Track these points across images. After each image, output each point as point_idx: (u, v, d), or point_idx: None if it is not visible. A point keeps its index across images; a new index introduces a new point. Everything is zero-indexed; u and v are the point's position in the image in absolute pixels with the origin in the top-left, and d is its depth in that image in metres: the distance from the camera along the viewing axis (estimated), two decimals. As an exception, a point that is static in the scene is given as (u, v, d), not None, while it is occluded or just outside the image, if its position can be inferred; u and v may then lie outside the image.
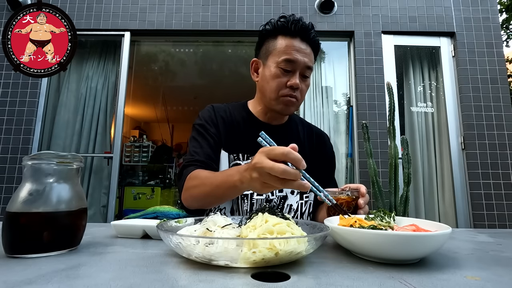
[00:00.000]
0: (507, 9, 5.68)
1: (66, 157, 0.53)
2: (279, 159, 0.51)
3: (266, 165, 0.51)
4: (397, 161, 1.64)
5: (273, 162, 0.51)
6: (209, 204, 0.79)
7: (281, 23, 0.86)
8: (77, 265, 0.43)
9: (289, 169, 0.50)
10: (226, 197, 0.74)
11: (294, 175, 0.50)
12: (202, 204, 0.79)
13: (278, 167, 0.50)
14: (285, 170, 0.50)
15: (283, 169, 0.50)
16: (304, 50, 0.86)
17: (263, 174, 0.52)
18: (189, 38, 2.97)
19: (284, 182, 0.51)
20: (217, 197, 0.72)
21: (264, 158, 0.52)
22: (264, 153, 0.53)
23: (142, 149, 5.05)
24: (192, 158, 0.85)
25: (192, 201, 0.79)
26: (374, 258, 0.47)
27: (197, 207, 0.80)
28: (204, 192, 0.74)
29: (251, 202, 0.86)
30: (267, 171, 0.51)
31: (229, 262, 0.42)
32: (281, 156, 0.51)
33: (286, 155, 0.50)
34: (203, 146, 0.88)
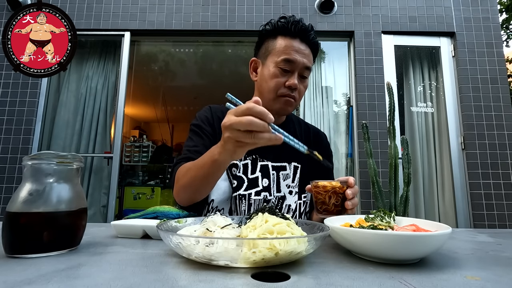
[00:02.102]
0: (507, 9, 5.68)
1: (66, 157, 0.53)
2: (244, 114, 0.51)
3: (234, 121, 0.52)
4: (397, 161, 1.64)
5: (239, 116, 0.52)
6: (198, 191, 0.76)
7: (281, 24, 0.87)
8: (77, 265, 0.43)
9: (255, 119, 0.51)
10: (211, 176, 0.71)
11: (262, 125, 0.51)
12: (192, 192, 0.76)
13: (245, 119, 0.51)
14: (251, 120, 0.50)
15: (248, 119, 0.51)
16: (303, 51, 0.86)
17: (232, 131, 0.53)
18: (189, 38, 2.97)
19: (255, 135, 0.52)
20: (203, 178, 0.71)
21: (231, 116, 0.54)
22: (231, 112, 0.54)
23: (142, 149, 5.05)
24: (184, 155, 0.86)
25: (183, 193, 0.77)
26: (374, 258, 0.47)
27: (188, 199, 0.78)
28: (190, 178, 0.73)
29: (249, 202, 0.86)
30: (234, 127, 0.52)
31: (229, 262, 0.42)
32: (246, 110, 0.51)
33: (250, 109, 0.51)
34: (197, 145, 0.88)
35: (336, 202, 0.69)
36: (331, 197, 0.69)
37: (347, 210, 0.69)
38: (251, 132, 0.52)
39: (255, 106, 0.51)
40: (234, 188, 0.87)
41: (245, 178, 0.88)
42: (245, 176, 0.88)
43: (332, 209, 0.69)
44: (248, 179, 0.88)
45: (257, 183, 0.88)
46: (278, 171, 0.91)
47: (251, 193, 0.87)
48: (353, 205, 0.69)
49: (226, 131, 0.55)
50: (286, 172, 0.92)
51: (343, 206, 0.69)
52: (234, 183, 0.87)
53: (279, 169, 0.91)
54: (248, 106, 0.52)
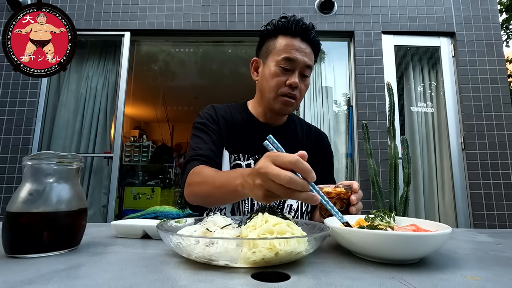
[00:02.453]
0: (507, 9, 5.68)
1: (66, 157, 0.53)
2: (286, 167, 0.46)
3: (271, 172, 0.46)
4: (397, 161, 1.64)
5: (279, 169, 0.46)
6: (210, 204, 0.78)
7: (282, 23, 0.87)
8: (77, 265, 0.43)
9: (297, 178, 0.45)
10: (227, 200, 0.72)
11: (301, 185, 0.45)
12: (203, 202, 0.78)
13: (285, 175, 0.45)
14: (292, 179, 0.45)
15: (290, 177, 0.44)
16: (304, 50, 0.86)
17: (266, 181, 0.47)
18: (189, 38, 2.97)
19: (290, 192, 0.46)
20: (218, 198, 0.71)
21: (269, 163, 0.47)
22: (270, 158, 0.48)
23: (142, 149, 5.05)
24: (195, 152, 0.84)
25: (194, 198, 0.78)
26: (374, 258, 0.47)
27: (199, 204, 0.79)
28: (205, 192, 0.72)
29: (252, 202, 0.86)
30: (271, 178, 0.46)
31: (229, 262, 0.42)
32: (288, 164, 0.46)
33: (294, 163, 0.45)
34: (206, 142, 0.87)
35: (341, 208, 0.69)
36: (335, 203, 0.69)
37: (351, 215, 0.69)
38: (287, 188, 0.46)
39: (299, 161, 0.45)
40: None
41: None
42: None
43: None
44: None
45: None
46: None
47: None
48: (357, 211, 0.69)
49: (259, 177, 0.49)
50: None
51: (347, 212, 0.69)
52: None
53: None
54: (292, 159, 0.45)
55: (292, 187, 0.45)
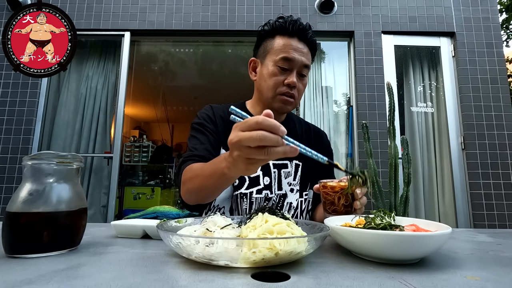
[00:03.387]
0: (507, 9, 5.68)
1: (66, 157, 0.53)
2: (254, 129, 0.46)
3: (243, 137, 0.46)
4: (397, 161, 1.64)
5: (249, 132, 0.46)
6: (205, 197, 0.76)
7: (279, 23, 0.88)
8: (77, 265, 0.43)
9: (267, 133, 0.45)
10: (218, 188, 0.71)
11: (275, 140, 0.46)
12: (198, 197, 0.76)
13: (256, 134, 0.45)
14: (264, 135, 0.45)
15: (261, 134, 0.45)
16: (302, 50, 0.87)
17: (242, 148, 0.48)
18: (189, 38, 2.97)
19: (267, 151, 0.46)
20: (210, 188, 0.70)
21: (238, 132, 0.48)
22: (237, 127, 0.49)
23: (142, 149, 5.05)
24: (191, 153, 0.85)
25: (190, 195, 0.77)
26: (374, 258, 0.47)
27: (195, 201, 0.79)
28: (198, 185, 0.72)
29: (250, 201, 0.86)
30: (245, 143, 0.47)
31: (229, 262, 0.42)
32: (255, 125, 0.46)
33: (261, 123, 0.45)
34: (202, 142, 0.87)
35: (345, 203, 0.68)
36: (340, 198, 0.68)
37: (356, 209, 0.68)
38: (263, 147, 0.46)
39: (265, 119, 0.46)
40: (235, 187, 0.87)
41: (246, 176, 0.88)
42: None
43: (342, 209, 0.68)
44: (249, 178, 0.88)
45: (258, 181, 0.88)
46: (280, 169, 0.91)
47: (252, 191, 0.87)
48: (362, 205, 0.69)
49: (234, 149, 0.50)
50: (287, 170, 0.92)
51: (352, 206, 0.69)
52: (235, 181, 0.87)
53: (281, 167, 0.91)
54: (257, 120, 0.46)
55: (267, 144, 0.46)
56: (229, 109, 0.53)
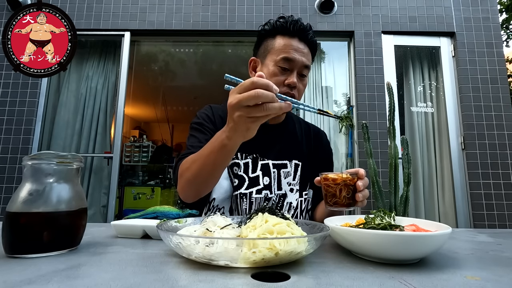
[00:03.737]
0: (507, 9, 5.68)
1: (66, 157, 0.53)
2: (249, 89, 0.51)
3: (241, 97, 0.51)
4: (397, 161, 1.64)
5: (246, 92, 0.51)
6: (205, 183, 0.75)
7: (280, 23, 0.88)
8: (77, 265, 0.43)
9: (263, 90, 0.50)
10: (219, 164, 0.70)
11: (270, 96, 0.51)
12: (198, 185, 0.75)
13: (253, 92, 0.50)
14: (260, 92, 0.50)
15: (256, 91, 0.50)
16: (302, 50, 0.87)
17: (242, 109, 0.53)
18: (189, 38, 2.97)
19: (265, 107, 0.51)
20: (211, 167, 0.70)
21: (235, 94, 0.53)
22: (235, 91, 0.54)
23: (142, 149, 5.04)
24: (188, 151, 0.84)
25: (188, 187, 0.76)
26: (374, 258, 0.47)
27: (194, 194, 0.77)
28: (196, 169, 0.71)
29: (250, 201, 0.86)
30: (244, 103, 0.51)
31: (229, 262, 0.42)
32: (250, 85, 0.51)
33: (255, 82, 0.51)
34: (201, 141, 0.87)
35: (347, 195, 0.67)
36: (341, 190, 0.67)
37: (357, 202, 0.67)
38: (261, 104, 0.51)
39: (258, 79, 0.51)
40: (235, 187, 0.87)
41: (246, 177, 0.88)
42: (246, 175, 0.88)
43: (343, 201, 0.67)
44: (249, 178, 0.88)
45: (258, 181, 0.88)
46: (279, 169, 0.91)
47: (252, 191, 0.87)
48: (363, 197, 0.68)
49: (234, 110, 0.54)
50: (287, 170, 0.92)
51: (353, 198, 0.67)
52: (235, 182, 0.87)
53: (280, 167, 0.91)
54: (252, 80, 0.51)
55: (264, 100, 0.51)
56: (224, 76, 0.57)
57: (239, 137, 0.59)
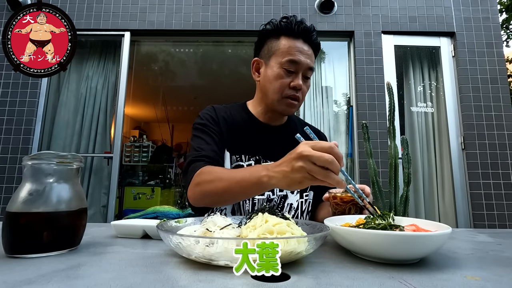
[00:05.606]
0: (507, 9, 5.68)
1: (66, 157, 0.53)
2: (327, 152, 0.52)
3: (315, 154, 0.51)
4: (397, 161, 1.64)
5: (321, 152, 0.52)
6: (222, 202, 0.75)
7: (284, 24, 0.87)
8: (77, 265, 0.43)
9: (335, 160, 0.51)
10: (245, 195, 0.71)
11: (338, 168, 0.52)
12: (214, 201, 0.74)
13: (329, 156, 0.51)
14: (334, 160, 0.51)
15: (331, 157, 0.51)
16: (307, 52, 0.87)
17: (308, 163, 0.52)
18: (189, 38, 2.97)
19: (327, 174, 0.52)
20: (235, 193, 0.69)
21: (308, 148, 0.53)
22: (309, 144, 0.54)
23: (142, 149, 5.05)
24: (198, 153, 0.82)
25: (202, 198, 0.75)
26: (374, 258, 0.47)
27: (206, 204, 0.76)
28: (220, 188, 0.70)
29: (252, 202, 0.86)
30: (314, 160, 0.52)
31: (229, 262, 0.42)
32: (328, 149, 0.52)
33: (333, 148, 0.52)
34: (208, 143, 0.85)
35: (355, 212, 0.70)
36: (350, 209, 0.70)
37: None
38: (325, 170, 0.52)
39: (336, 148, 0.52)
40: None
41: None
42: None
43: None
44: None
45: None
46: None
47: None
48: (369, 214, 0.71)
49: (301, 160, 0.53)
50: None
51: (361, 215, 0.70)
52: None
53: None
54: (331, 145, 0.52)
55: (330, 168, 0.51)
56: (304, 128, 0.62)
57: (283, 184, 0.58)
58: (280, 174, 0.58)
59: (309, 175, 0.53)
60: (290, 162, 0.56)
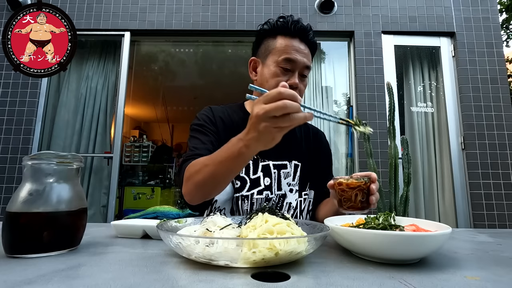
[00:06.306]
0: (507, 9, 5.68)
1: (66, 157, 0.53)
2: (276, 100, 0.51)
3: (269, 108, 0.51)
4: (397, 161, 1.64)
5: (273, 103, 0.51)
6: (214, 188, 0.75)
7: (281, 23, 0.88)
8: (77, 265, 0.43)
9: (290, 102, 0.50)
10: (233, 171, 0.70)
11: (296, 107, 0.51)
12: (206, 190, 0.74)
13: (280, 102, 0.50)
14: (286, 103, 0.50)
15: (284, 103, 0.50)
16: (303, 50, 0.87)
17: (268, 119, 0.52)
18: (189, 38, 2.97)
19: (291, 117, 0.51)
20: (223, 174, 0.69)
21: (261, 105, 0.52)
22: (259, 101, 0.53)
23: (142, 149, 5.05)
24: (192, 153, 0.83)
25: (196, 191, 0.74)
26: (374, 258, 0.47)
27: (201, 197, 0.76)
28: (208, 174, 0.70)
29: (251, 202, 0.86)
30: (271, 113, 0.51)
31: (229, 262, 0.42)
32: (277, 95, 0.51)
33: (282, 93, 0.51)
34: (204, 142, 0.86)
35: (362, 199, 0.68)
36: (357, 195, 0.68)
37: (371, 205, 0.68)
38: (287, 115, 0.51)
39: (286, 90, 0.51)
40: (237, 189, 0.87)
41: (248, 178, 0.88)
42: (247, 177, 0.88)
43: (359, 206, 0.68)
44: (250, 180, 0.88)
45: (259, 182, 0.88)
46: (279, 170, 0.91)
47: (253, 192, 0.87)
48: (376, 200, 0.69)
49: (261, 120, 0.53)
50: (286, 171, 0.92)
51: (367, 202, 0.68)
52: (237, 183, 0.87)
53: (280, 168, 0.92)
54: (279, 91, 0.51)
55: (290, 111, 0.51)
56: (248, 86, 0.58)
57: (260, 147, 0.59)
58: (252, 140, 0.58)
59: (275, 128, 0.53)
60: (254, 127, 0.56)
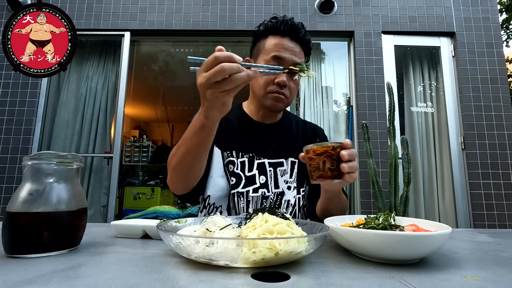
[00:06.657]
0: (507, 9, 5.68)
1: (66, 157, 0.53)
2: (214, 65, 0.52)
3: (208, 76, 0.52)
4: (397, 161, 1.63)
5: (211, 69, 0.52)
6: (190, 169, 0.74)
7: (272, 24, 0.89)
8: (77, 265, 0.43)
9: (227, 63, 0.51)
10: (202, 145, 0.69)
11: (236, 67, 0.52)
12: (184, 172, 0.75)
13: (219, 67, 0.51)
14: (224, 66, 0.51)
15: (220, 66, 0.51)
16: (293, 49, 0.88)
17: (211, 85, 0.53)
18: (189, 38, 2.97)
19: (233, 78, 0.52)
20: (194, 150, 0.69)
21: (201, 73, 0.54)
22: (201, 71, 0.55)
23: (142, 149, 5.04)
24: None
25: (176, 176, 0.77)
26: (374, 258, 0.47)
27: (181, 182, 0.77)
28: (181, 154, 0.72)
29: (247, 199, 0.87)
30: (212, 80, 0.52)
31: (229, 262, 0.42)
32: (214, 61, 0.52)
33: (217, 57, 0.52)
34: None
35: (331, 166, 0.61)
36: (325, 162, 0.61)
37: (344, 174, 0.60)
38: (229, 77, 0.52)
39: (221, 53, 0.52)
40: (233, 186, 0.87)
41: (243, 175, 0.88)
42: (242, 173, 0.89)
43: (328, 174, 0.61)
44: (246, 177, 0.89)
45: (255, 180, 0.89)
46: (275, 168, 0.92)
47: (249, 190, 0.88)
48: (350, 168, 0.59)
49: (205, 89, 0.55)
50: (283, 168, 0.92)
51: (339, 170, 0.61)
52: (232, 180, 0.88)
53: (276, 166, 0.92)
54: (214, 55, 0.52)
55: (230, 72, 0.52)
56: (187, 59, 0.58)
57: (216, 114, 0.60)
58: (207, 110, 0.59)
59: (222, 93, 0.54)
60: (202, 96, 0.57)
